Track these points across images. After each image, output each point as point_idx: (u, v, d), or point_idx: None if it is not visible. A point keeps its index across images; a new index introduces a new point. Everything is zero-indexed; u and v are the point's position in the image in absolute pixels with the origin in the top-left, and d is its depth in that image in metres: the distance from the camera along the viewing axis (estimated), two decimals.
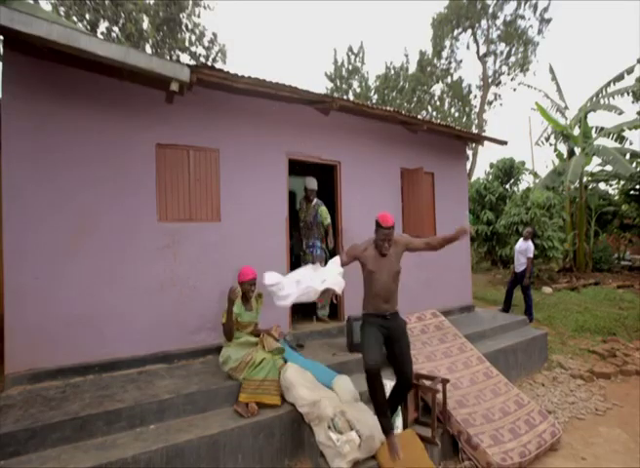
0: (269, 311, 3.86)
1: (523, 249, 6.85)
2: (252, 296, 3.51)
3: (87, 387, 3.11)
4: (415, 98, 20.61)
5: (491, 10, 19.05)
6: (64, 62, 3.34)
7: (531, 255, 6.79)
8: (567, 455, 3.26)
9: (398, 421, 3.16)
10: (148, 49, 15.30)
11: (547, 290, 8.90)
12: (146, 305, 3.64)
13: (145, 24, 14.71)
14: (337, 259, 2.93)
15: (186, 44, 16.36)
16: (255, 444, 2.87)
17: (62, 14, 13.42)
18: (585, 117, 11.14)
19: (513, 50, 19.54)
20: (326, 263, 3.11)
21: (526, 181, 20.02)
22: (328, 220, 4.81)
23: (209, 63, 15.67)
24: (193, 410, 2.98)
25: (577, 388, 4.57)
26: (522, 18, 18.97)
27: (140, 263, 3.63)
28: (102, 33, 14.28)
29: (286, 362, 3.32)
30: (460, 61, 22.69)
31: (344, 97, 7.11)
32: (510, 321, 5.61)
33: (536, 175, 14.88)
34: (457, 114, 20.99)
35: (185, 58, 16.44)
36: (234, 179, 4.16)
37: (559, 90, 12.35)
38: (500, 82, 20.36)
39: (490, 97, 20.68)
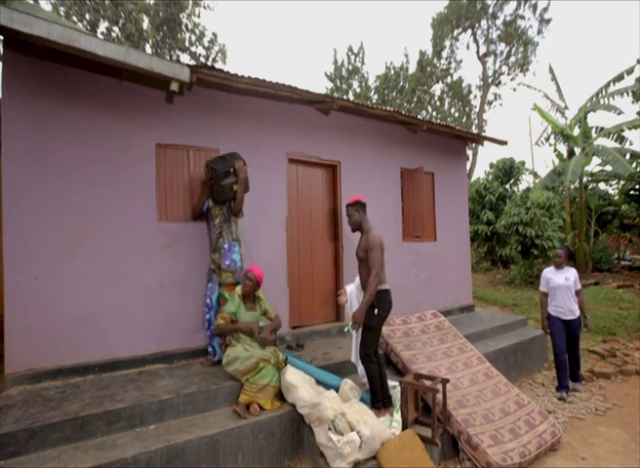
0: None
1: (571, 281, 4.32)
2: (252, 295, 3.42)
3: (87, 387, 3.11)
4: (415, 99, 20.63)
5: (491, 10, 19.08)
6: (65, 63, 3.35)
7: (580, 287, 4.39)
8: (567, 455, 3.26)
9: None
10: (148, 49, 15.31)
11: None
12: (146, 305, 3.64)
13: (145, 24, 14.72)
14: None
15: (186, 44, 16.38)
16: (255, 444, 2.87)
17: (62, 14, 13.44)
18: (585, 117, 11.13)
19: (513, 50, 19.58)
20: None
21: (526, 181, 20.11)
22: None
23: (209, 63, 15.68)
24: (193, 411, 2.98)
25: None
26: (522, 18, 19.01)
27: (140, 263, 3.63)
28: (102, 33, 14.29)
29: (286, 364, 3.31)
30: (460, 61, 22.77)
31: (344, 97, 7.10)
32: (510, 321, 5.61)
33: (536, 175, 14.89)
34: (457, 114, 21.02)
35: (185, 58, 16.46)
36: None
37: (559, 90, 12.35)
38: (500, 82, 20.39)
39: (490, 97, 20.73)
